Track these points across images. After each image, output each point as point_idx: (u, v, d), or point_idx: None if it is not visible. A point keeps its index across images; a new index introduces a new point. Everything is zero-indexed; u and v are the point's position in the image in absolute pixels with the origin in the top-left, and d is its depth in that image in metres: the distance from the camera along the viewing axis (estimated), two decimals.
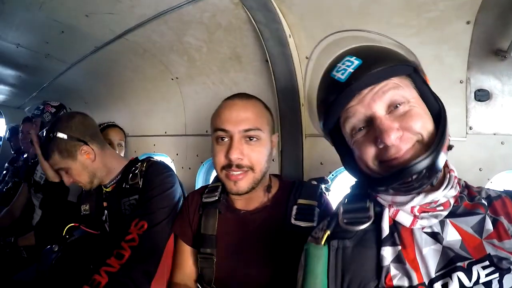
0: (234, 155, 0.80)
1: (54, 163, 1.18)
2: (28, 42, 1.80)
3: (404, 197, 0.55)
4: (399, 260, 0.53)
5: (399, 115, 0.54)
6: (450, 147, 0.56)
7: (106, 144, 1.27)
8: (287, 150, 1.31)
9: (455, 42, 0.90)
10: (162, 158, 1.85)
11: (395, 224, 0.58)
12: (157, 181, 1.11)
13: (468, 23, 0.86)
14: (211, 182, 1.04)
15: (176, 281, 0.97)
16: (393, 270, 0.53)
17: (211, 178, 1.32)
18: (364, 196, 0.63)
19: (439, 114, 0.55)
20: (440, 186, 0.55)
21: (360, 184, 0.66)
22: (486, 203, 0.56)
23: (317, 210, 0.84)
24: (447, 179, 0.56)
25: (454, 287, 0.47)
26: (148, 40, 1.52)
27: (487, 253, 0.50)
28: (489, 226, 0.53)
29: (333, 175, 1.23)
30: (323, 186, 0.94)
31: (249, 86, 1.39)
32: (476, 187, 0.62)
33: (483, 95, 0.92)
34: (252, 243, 0.87)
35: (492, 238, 0.51)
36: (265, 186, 0.92)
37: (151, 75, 1.81)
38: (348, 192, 0.68)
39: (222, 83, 1.51)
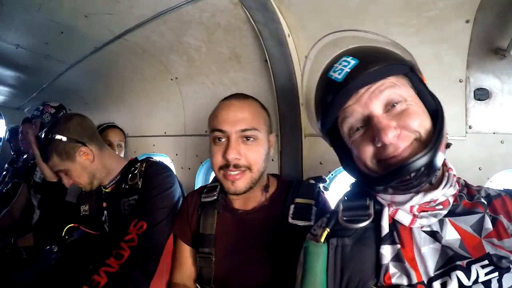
0: (231, 155, 0.80)
1: (54, 165, 1.18)
2: (28, 43, 1.80)
3: (403, 196, 0.55)
4: (398, 258, 0.53)
5: (396, 113, 0.54)
6: (448, 145, 0.56)
7: (105, 144, 1.26)
8: (287, 150, 1.30)
9: (454, 41, 0.90)
10: (162, 159, 1.85)
11: (394, 223, 0.58)
12: (156, 181, 1.11)
13: (467, 22, 0.86)
14: (210, 182, 1.04)
15: (176, 281, 0.97)
16: (392, 269, 0.53)
17: (211, 178, 1.32)
18: (364, 194, 0.63)
19: (436, 112, 0.55)
20: (439, 185, 0.55)
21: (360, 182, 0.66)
22: (485, 202, 0.56)
23: (314, 209, 0.85)
24: (445, 178, 0.56)
25: (453, 286, 0.47)
26: (147, 41, 1.52)
27: (487, 252, 0.50)
28: (488, 225, 0.53)
29: (332, 174, 1.23)
30: (321, 185, 0.94)
31: (248, 86, 1.39)
32: (475, 186, 0.62)
33: (482, 94, 0.92)
34: (250, 243, 0.87)
35: (491, 237, 0.51)
36: (263, 186, 0.92)
37: (150, 75, 1.81)
38: (348, 190, 0.68)
39: (222, 83, 1.51)
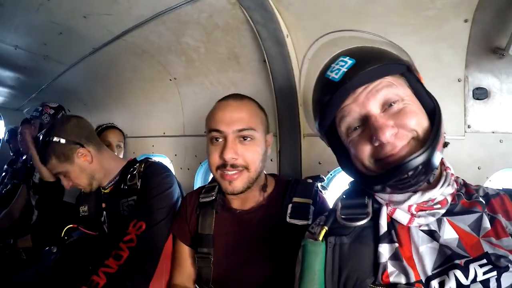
0: (228, 155, 0.80)
1: (52, 168, 1.18)
2: (26, 43, 1.80)
3: (401, 195, 0.56)
4: (396, 257, 0.53)
5: (393, 113, 0.54)
6: (445, 144, 0.56)
7: (103, 145, 1.26)
8: (285, 150, 1.30)
9: (453, 40, 0.90)
10: (161, 159, 1.85)
11: (392, 222, 0.58)
12: (155, 181, 1.11)
13: (466, 21, 0.86)
14: (208, 182, 1.04)
15: (176, 282, 0.97)
16: (390, 267, 0.53)
17: (210, 179, 1.32)
18: (363, 192, 0.63)
19: (433, 111, 0.55)
20: (436, 184, 0.55)
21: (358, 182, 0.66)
22: (483, 201, 0.56)
23: (312, 208, 0.84)
24: (443, 177, 0.56)
25: (451, 284, 0.47)
26: (146, 41, 1.52)
27: (485, 251, 0.50)
28: (486, 224, 0.53)
29: (331, 174, 1.23)
30: (318, 184, 0.94)
31: (247, 87, 1.39)
32: (474, 186, 0.62)
33: (481, 93, 0.92)
34: (248, 242, 0.87)
35: (489, 236, 0.51)
36: (260, 186, 0.92)
37: (149, 76, 1.81)
38: (347, 188, 0.69)
39: (220, 84, 1.51)
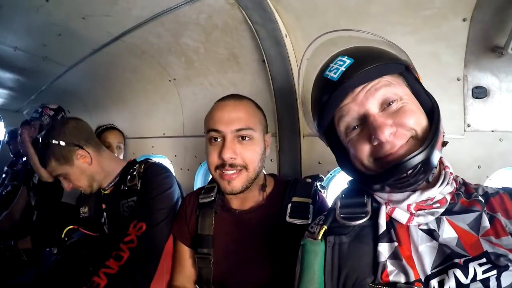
0: (227, 155, 0.80)
1: (52, 170, 1.18)
2: (26, 45, 1.80)
3: (400, 195, 0.56)
4: (395, 256, 0.53)
5: (392, 112, 0.54)
6: (444, 143, 0.56)
7: (103, 146, 1.26)
8: (285, 150, 1.30)
9: (451, 39, 0.90)
10: (161, 160, 1.85)
11: (391, 221, 0.58)
12: (155, 182, 1.11)
13: (464, 20, 0.86)
14: (208, 183, 1.04)
15: (176, 283, 0.97)
16: (389, 266, 0.53)
17: (209, 179, 1.32)
18: (362, 191, 0.63)
19: (432, 110, 0.56)
20: (436, 183, 0.55)
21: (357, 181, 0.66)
22: (483, 200, 0.56)
23: (311, 208, 0.85)
24: (442, 176, 0.56)
25: (451, 283, 0.47)
26: (145, 42, 1.52)
27: (484, 250, 0.50)
28: (485, 223, 0.53)
29: (331, 174, 1.23)
30: (318, 184, 0.94)
31: (246, 87, 1.39)
32: (473, 184, 0.62)
33: (480, 92, 0.92)
34: (248, 242, 0.87)
35: (489, 235, 0.51)
36: (260, 185, 0.92)
37: (149, 77, 1.81)
38: (346, 186, 0.69)
39: (220, 84, 1.51)
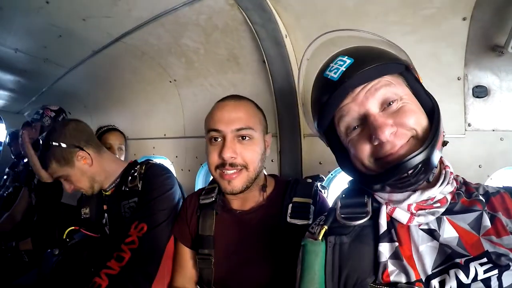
0: (227, 154, 0.80)
1: (53, 172, 1.18)
2: (26, 47, 1.81)
3: (400, 195, 0.55)
4: (396, 256, 0.53)
5: (392, 112, 0.54)
6: (445, 143, 0.56)
7: (103, 148, 1.26)
8: (286, 150, 1.30)
9: (451, 39, 0.90)
10: (162, 161, 1.85)
11: (392, 221, 0.57)
12: (156, 183, 1.12)
13: (464, 19, 0.86)
14: (208, 184, 1.04)
15: (177, 284, 0.97)
16: (390, 266, 0.52)
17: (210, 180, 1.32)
18: (362, 191, 0.63)
19: (432, 110, 0.55)
20: (436, 183, 0.55)
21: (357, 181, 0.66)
22: (483, 199, 0.56)
23: (312, 208, 0.84)
24: (443, 176, 0.56)
25: (452, 283, 0.47)
26: (145, 43, 1.52)
27: (485, 250, 0.49)
28: (486, 222, 0.52)
29: (332, 174, 1.23)
30: (318, 184, 0.94)
31: (246, 87, 1.39)
32: (474, 184, 0.62)
33: (481, 92, 0.92)
34: (249, 243, 0.87)
35: (490, 234, 0.51)
36: (260, 186, 0.92)
37: (149, 78, 1.82)
38: (347, 187, 0.68)
39: (220, 85, 1.51)
